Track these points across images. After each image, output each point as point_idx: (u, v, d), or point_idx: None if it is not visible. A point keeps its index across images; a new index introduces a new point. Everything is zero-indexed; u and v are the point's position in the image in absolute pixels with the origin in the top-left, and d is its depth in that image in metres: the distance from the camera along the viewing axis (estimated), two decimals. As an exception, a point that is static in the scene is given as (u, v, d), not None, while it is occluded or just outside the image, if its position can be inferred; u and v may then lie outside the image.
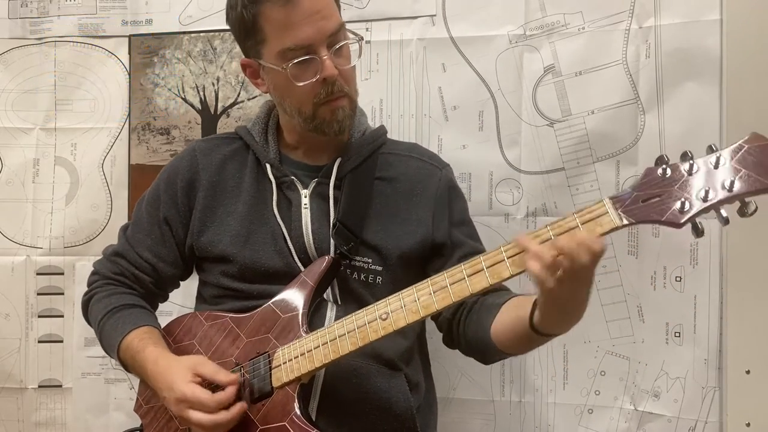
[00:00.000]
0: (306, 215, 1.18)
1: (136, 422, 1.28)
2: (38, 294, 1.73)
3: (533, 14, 1.51)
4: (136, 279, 1.26)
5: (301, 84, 1.12)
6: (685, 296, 1.43)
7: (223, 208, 1.21)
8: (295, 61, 1.10)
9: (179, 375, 1.05)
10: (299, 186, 1.20)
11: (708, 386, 1.42)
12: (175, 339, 1.21)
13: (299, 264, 1.16)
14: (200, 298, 1.29)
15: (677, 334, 1.44)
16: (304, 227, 1.17)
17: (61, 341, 1.72)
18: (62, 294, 1.72)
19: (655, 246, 1.44)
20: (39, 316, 1.73)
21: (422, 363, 1.28)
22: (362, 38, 1.14)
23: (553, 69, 1.50)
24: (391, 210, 1.21)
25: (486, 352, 1.16)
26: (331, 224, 1.16)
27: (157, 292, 1.30)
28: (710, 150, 0.87)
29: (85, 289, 1.30)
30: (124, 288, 1.26)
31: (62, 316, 1.72)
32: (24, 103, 1.74)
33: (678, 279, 1.44)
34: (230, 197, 1.22)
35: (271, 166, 1.21)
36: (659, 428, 1.45)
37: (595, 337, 1.49)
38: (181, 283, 1.35)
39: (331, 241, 1.16)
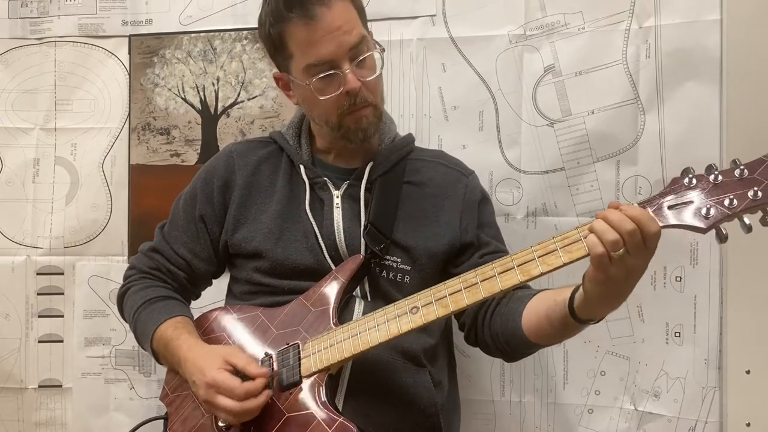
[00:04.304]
0: (338, 214, 1.22)
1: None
2: (38, 294, 1.73)
3: (533, 14, 1.51)
4: (171, 274, 1.30)
5: (325, 98, 1.16)
6: (685, 296, 1.43)
7: (257, 206, 1.26)
8: (320, 76, 1.15)
9: (211, 361, 1.08)
10: (331, 187, 1.25)
11: (708, 386, 1.42)
12: (206, 331, 1.23)
13: (329, 261, 1.20)
14: (230, 294, 1.33)
15: (677, 334, 1.44)
16: (335, 225, 1.22)
17: (61, 341, 1.73)
18: (62, 294, 1.72)
19: (655, 246, 1.44)
20: (39, 316, 1.73)
21: (447, 363, 1.30)
22: (384, 49, 1.18)
23: (553, 69, 1.50)
24: (420, 212, 1.25)
25: (514, 343, 1.16)
26: (363, 225, 1.21)
27: (191, 288, 1.33)
28: (734, 164, 0.91)
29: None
30: (159, 282, 1.30)
31: (62, 316, 1.72)
32: (24, 103, 1.74)
33: (678, 279, 1.44)
34: (264, 197, 1.26)
35: (305, 167, 1.26)
36: (659, 428, 1.45)
37: (595, 337, 1.49)
38: (213, 281, 1.38)
39: (362, 239, 1.20)
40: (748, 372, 1.38)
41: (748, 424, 1.38)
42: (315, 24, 1.12)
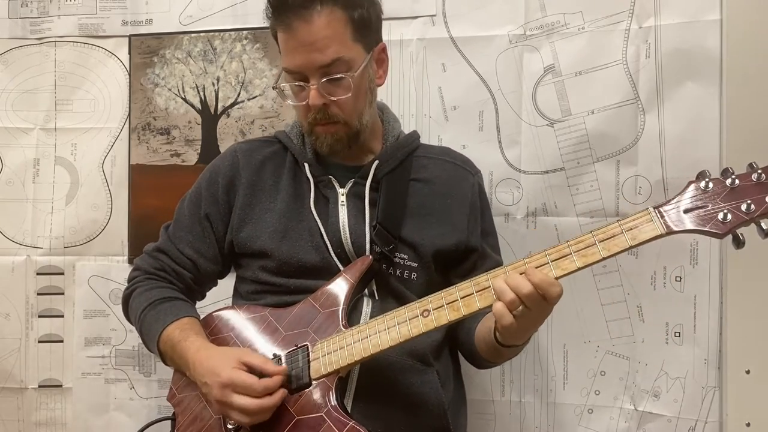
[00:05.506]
0: (343, 212, 1.22)
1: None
2: (38, 294, 1.73)
3: (533, 14, 1.51)
4: (176, 274, 1.29)
5: (293, 104, 1.21)
6: (685, 296, 1.43)
7: (261, 205, 1.26)
8: (294, 83, 1.18)
9: (225, 362, 1.07)
10: (336, 185, 1.24)
11: (708, 386, 1.42)
12: (213, 331, 1.22)
13: (335, 259, 1.19)
14: (237, 294, 1.33)
15: (677, 334, 1.44)
16: (340, 223, 1.21)
17: (61, 341, 1.73)
18: (62, 294, 1.72)
19: (655, 246, 1.42)
20: (39, 316, 1.73)
21: (452, 360, 1.31)
22: (353, 75, 1.15)
23: (553, 69, 1.50)
24: (428, 210, 1.26)
25: (474, 357, 1.25)
26: (369, 226, 1.20)
27: (196, 288, 1.33)
28: (751, 168, 0.90)
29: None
30: (165, 282, 1.29)
31: (62, 316, 1.72)
32: (24, 103, 1.74)
33: (678, 279, 1.44)
34: (269, 195, 1.26)
35: (309, 165, 1.26)
36: (659, 428, 1.45)
37: (595, 337, 1.49)
38: (219, 282, 1.37)
39: (367, 236, 1.20)
40: (748, 372, 1.38)
41: (748, 424, 1.38)
42: (291, 34, 1.14)
